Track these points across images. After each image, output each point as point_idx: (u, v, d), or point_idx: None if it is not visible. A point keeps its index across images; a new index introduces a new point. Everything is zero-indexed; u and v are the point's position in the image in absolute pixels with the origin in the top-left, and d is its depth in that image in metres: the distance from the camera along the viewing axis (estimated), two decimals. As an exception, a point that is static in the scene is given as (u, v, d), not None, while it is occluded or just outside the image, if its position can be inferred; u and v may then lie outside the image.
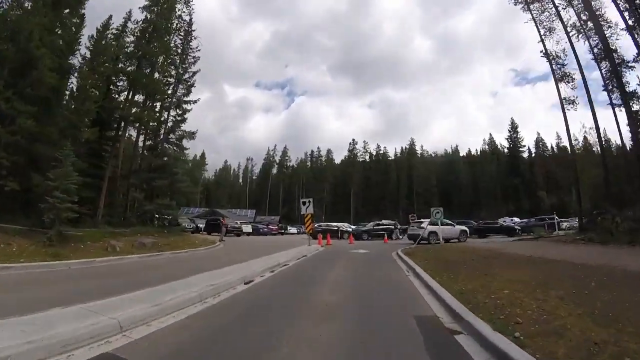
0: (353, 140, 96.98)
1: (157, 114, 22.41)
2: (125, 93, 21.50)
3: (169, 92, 23.23)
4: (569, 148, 28.20)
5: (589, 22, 22.54)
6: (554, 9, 24.07)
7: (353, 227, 38.04)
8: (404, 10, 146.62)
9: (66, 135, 14.53)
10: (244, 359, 3.49)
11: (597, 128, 23.77)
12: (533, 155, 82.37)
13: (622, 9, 20.35)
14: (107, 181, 19.46)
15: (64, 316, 4.10)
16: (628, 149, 22.57)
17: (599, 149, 25.08)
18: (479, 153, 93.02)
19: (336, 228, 31.85)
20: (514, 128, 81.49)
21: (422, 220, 23.33)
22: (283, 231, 51.15)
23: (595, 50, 22.57)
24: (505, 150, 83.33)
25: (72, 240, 13.56)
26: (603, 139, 26.18)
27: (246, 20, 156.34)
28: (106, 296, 5.29)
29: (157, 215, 21.48)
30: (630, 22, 20.10)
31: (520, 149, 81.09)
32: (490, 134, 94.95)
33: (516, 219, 46.63)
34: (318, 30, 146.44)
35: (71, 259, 10.78)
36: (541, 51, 25.23)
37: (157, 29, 20.82)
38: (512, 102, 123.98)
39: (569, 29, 23.27)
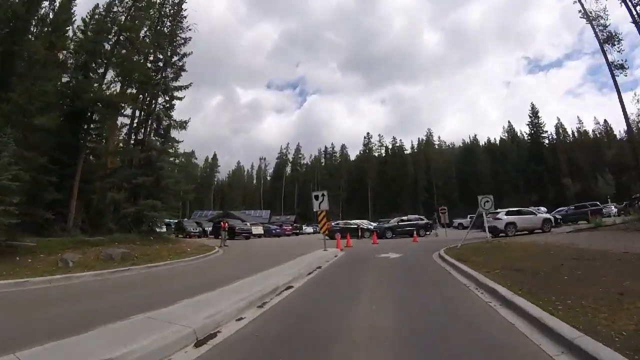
0: (368, 134, 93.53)
1: (142, 99, 19.33)
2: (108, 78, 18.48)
3: (156, 76, 20.09)
4: (625, 126, 23.80)
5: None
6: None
7: (374, 224, 34.46)
8: (412, 3, 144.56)
9: (11, 122, 11.43)
10: None
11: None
12: (554, 141, 77.38)
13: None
14: (79, 180, 16.44)
15: None
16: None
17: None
18: (498, 142, 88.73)
19: (356, 226, 28.37)
20: (534, 113, 76.71)
21: (498, 210, 20.55)
22: (298, 231, 47.98)
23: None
24: (526, 137, 78.82)
25: (20, 252, 10.55)
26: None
27: (254, 21, 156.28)
28: None
29: (149, 219, 18.26)
30: None
31: (542, 135, 76.27)
32: (509, 122, 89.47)
33: (542, 209, 42.83)
34: (326, 28, 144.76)
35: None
36: (579, 11, 21.36)
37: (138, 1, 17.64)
38: (526, 91, 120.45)
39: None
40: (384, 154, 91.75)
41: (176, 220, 43.96)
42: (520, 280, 6.42)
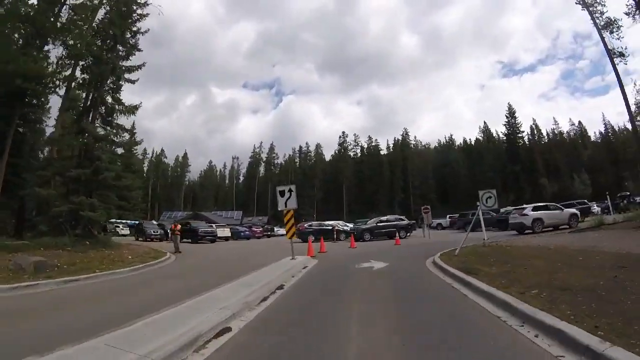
0: (343, 133, 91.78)
1: (89, 82, 16.22)
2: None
3: (107, 55, 17.00)
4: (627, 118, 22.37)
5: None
6: None
7: (350, 225, 32.14)
8: (390, 6, 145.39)
9: None
10: None
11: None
12: (530, 142, 78.07)
13: None
14: (4, 172, 13.26)
15: None
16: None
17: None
18: (473, 143, 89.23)
19: (330, 227, 25.86)
20: (511, 113, 77.21)
21: (524, 206, 20.29)
22: (269, 233, 45.04)
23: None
24: (503, 136, 79.39)
25: None
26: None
27: (232, 21, 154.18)
28: None
29: (85, 220, 15.10)
30: None
31: (519, 135, 76.73)
32: (484, 122, 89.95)
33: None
34: (304, 28, 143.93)
35: None
36: (575, -2, 19.79)
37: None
38: (500, 94, 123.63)
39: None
40: (359, 154, 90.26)
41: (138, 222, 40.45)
42: (581, 307, 4.11)
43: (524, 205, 20.08)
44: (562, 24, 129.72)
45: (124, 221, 49.40)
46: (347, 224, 33.72)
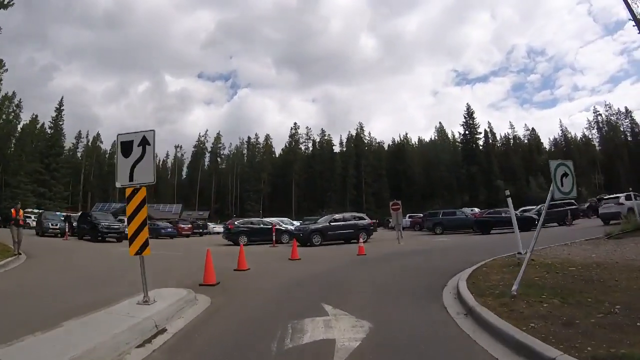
0: (295, 124, 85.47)
1: None
2: None
3: None
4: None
5: None
6: None
7: (296, 223, 26.08)
8: (353, 7, 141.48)
9: None
10: None
11: None
12: (487, 144, 77.05)
13: None
14: None
15: None
16: None
17: None
18: (427, 141, 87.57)
19: (269, 226, 19.52)
20: (469, 114, 75.42)
21: (618, 195, 18.57)
22: (202, 230, 37.84)
23: None
24: (460, 136, 78.29)
25: None
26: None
27: (192, 7, 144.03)
28: None
29: None
30: None
31: (477, 136, 75.21)
32: (440, 122, 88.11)
33: (476, 210, 39.67)
34: (265, 22, 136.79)
35: None
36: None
37: None
38: (452, 101, 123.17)
39: None
40: (311, 148, 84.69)
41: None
42: None
43: (618, 195, 18.77)
44: (517, 40, 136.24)
45: (36, 211, 40.77)
46: (294, 222, 27.61)
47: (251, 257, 12.14)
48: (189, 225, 35.73)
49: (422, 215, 33.24)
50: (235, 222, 20.23)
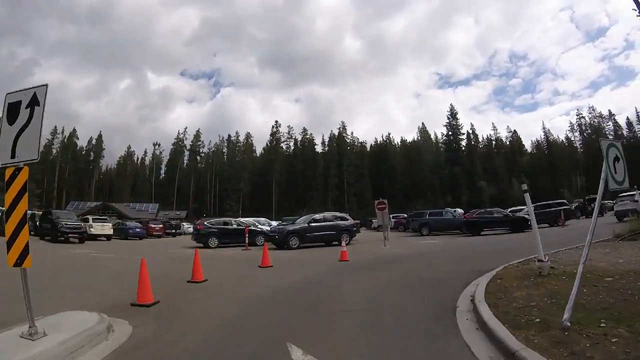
0: (276, 122, 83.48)
1: None
2: None
3: None
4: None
5: None
6: None
7: (275, 223, 24.38)
8: (339, 8, 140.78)
9: None
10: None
11: None
12: (469, 145, 77.07)
13: None
14: None
15: None
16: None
17: None
18: (410, 142, 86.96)
19: (243, 226, 17.74)
20: (453, 115, 75.38)
21: (632, 192, 17.22)
22: (175, 231, 35.55)
23: None
24: (443, 137, 78.27)
25: None
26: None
27: (176, 4, 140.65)
28: None
29: None
30: None
31: (460, 137, 75.09)
32: (422, 123, 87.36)
33: (459, 210, 38.70)
34: (251, 21, 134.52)
35: None
36: None
37: None
38: (434, 104, 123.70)
39: None
40: (292, 147, 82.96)
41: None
42: None
43: (632, 192, 17.79)
44: (500, 44, 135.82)
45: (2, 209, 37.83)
46: (271, 222, 25.88)
47: (215, 264, 10.50)
48: (161, 226, 33.61)
49: (405, 215, 32.04)
50: (205, 223, 18.33)
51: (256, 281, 7.60)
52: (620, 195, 20.43)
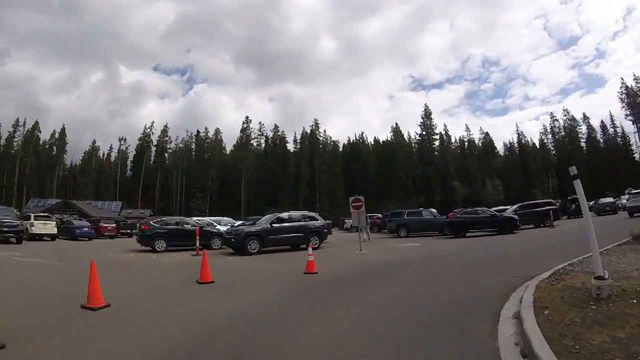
0: (247, 118, 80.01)
1: None
2: None
3: None
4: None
5: None
6: None
7: (237, 223, 21.88)
8: (315, 8, 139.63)
9: None
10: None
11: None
12: (443, 146, 77.01)
13: None
14: None
15: None
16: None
17: None
18: (382, 142, 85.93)
19: (194, 228, 15.15)
20: (427, 114, 75.05)
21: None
22: (131, 231, 31.94)
23: None
24: (417, 137, 77.91)
25: None
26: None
27: None
28: None
29: None
30: None
31: (434, 137, 74.75)
32: (396, 123, 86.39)
33: (433, 210, 37.35)
34: (227, 17, 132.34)
35: None
36: None
37: None
38: (407, 106, 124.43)
39: None
40: (263, 145, 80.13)
41: None
42: None
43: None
44: (473, 50, 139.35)
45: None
46: (235, 222, 23.28)
47: (142, 276, 8.05)
48: (113, 225, 30.21)
49: (380, 215, 30.23)
50: (151, 222, 15.61)
51: (181, 309, 5.22)
52: (633, 192, 20.85)
